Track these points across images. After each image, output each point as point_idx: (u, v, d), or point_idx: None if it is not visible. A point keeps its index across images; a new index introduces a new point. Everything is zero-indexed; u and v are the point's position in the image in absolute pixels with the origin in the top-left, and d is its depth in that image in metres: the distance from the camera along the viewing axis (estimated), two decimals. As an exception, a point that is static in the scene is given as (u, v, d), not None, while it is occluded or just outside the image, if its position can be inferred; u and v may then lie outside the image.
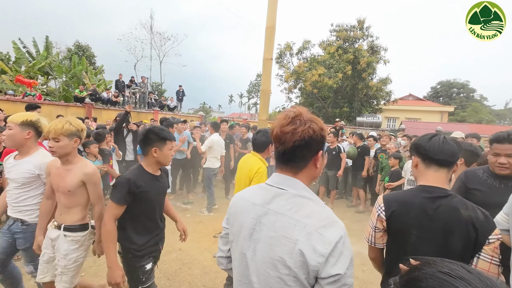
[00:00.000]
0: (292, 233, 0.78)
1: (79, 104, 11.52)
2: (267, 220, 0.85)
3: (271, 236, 0.82)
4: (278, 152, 0.89)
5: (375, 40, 17.13)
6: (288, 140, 0.84)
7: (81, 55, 20.18)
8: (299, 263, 0.75)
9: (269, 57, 3.41)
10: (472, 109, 26.24)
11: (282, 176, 0.89)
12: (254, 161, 2.40)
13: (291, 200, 0.84)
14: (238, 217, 0.94)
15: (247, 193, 0.98)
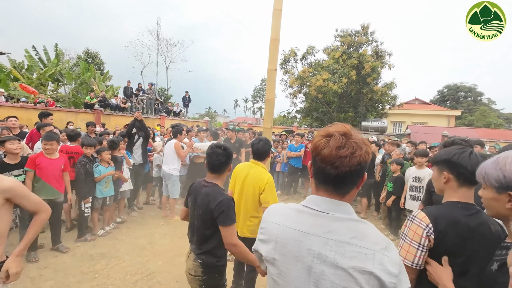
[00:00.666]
0: (366, 262, 0.77)
1: (89, 110, 11.82)
2: (330, 253, 0.80)
3: (342, 267, 0.78)
4: (328, 176, 0.83)
5: (379, 45, 17.20)
6: (345, 164, 0.79)
7: (91, 62, 20.70)
8: (377, 286, 0.76)
9: (274, 68, 3.54)
10: (480, 113, 25.91)
11: (332, 201, 0.85)
12: (260, 171, 2.39)
13: (351, 227, 0.82)
14: (285, 248, 0.85)
15: (285, 220, 0.89)
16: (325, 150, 0.81)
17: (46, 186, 3.31)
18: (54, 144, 3.37)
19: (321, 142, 0.84)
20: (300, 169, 6.82)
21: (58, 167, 3.43)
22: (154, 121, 13.60)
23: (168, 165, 4.84)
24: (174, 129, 5.07)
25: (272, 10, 3.55)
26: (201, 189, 1.81)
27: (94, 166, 3.83)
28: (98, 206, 3.97)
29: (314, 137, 0.89)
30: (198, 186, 1.85)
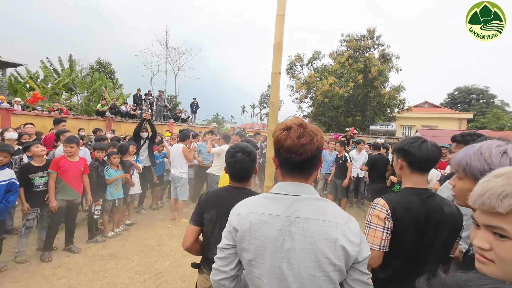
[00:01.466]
0: (330, 233, 0.86)
1: (100, 118, 12.19)
2: (297, 229, 0.88)
3: (308, 241, 0.86)
4: (293, 163, 0.92)
5: (386, 49, 17.15)
6: (307, 150, 0.90)
7: (102, 71, 21.37)
8: (343, 257, 0.85)
9: (277, 72, 3.57)
10: (492, 116, 25.26)
11: (296, 184, 0.94)
12: None
13: (314, 204, 0.91)
14: (258, 232, 0.91)
15: (256, 207, 0.96)
16: (288, 141, 0.90)
17: (67, 187, 3.51)
18: (74, 147, 3.59)
19: (282, 135, 0.92)
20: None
21: (78, 170, 3.62)
22: (163, 127, 13.88)
23: (176, 168, 4.96)
24: (181, 134, 5.24)
25: (275, 15, 3.64)
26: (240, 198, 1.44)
27: (105, 169, 3.97)
28: (109, 208, 4.10)
29: (274, 131, 0.97)
30: (228, 196, 1.50)
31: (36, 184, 3.35)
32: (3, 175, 3.06)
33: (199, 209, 1.54)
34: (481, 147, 0.93)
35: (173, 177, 5.03)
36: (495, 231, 0.61)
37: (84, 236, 4.07)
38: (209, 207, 1.50)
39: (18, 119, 9.05)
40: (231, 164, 1.53)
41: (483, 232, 0.63)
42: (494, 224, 0.60)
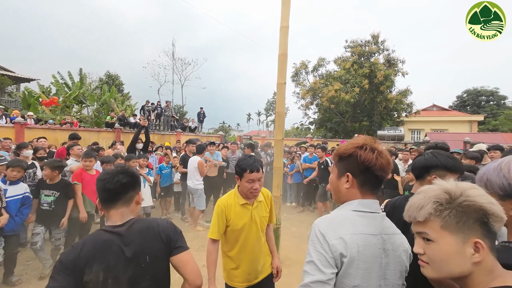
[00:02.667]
0: (405, 245, 0.99)
1: (110, 129, 12.44)
2: (389, 245, 0.95)
3: (396, 255, 0.96)
4: (381, 181, 1.00)
5: (391, 53, 17.09)
6: (390, 169, 0.99)
7: (111, 84, 21.93)
8: (408, 263, 0.99)
9: (283, 82, 3.65)
10: (504, 117, 24.66)
11: (376, 202, 1.02)
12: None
13: (387, 220, 1.02)
14: (365, 254, 0.89)
15: (358, 227, 0.92)
16: (382, 160, 0.96)
17: (86, 199, 3.64)
18: (92, 161, 3.78)
19: (369, 154, 0.96)
20: (314, 181, 6.75)
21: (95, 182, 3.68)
22: (171, 137, 14.05)
23: (192, 181, 5.10)
24: (198, 146, 5.36)
25: (280, 27, 3.71)
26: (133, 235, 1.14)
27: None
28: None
29: (353, 151, 0.98)
30: (113, 237, 1.10)
31: (42, 202, 3.37)
32: (18, 189, 3.16)
33: (65, 273, 0.99)
34: (501, 162, 0.94)
35: (189, 188, 5.20)
36: (423, 236, 0.75)
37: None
38: (89, 263, 1.02)
39: (31, 132, 9.31)
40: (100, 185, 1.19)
41: (417, 240, 0.78)
42: (419, 230, 0.76)
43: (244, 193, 1.78)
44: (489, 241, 0.68)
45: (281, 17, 3.71)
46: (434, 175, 1.41)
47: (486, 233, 0.68)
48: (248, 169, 1.70)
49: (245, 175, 1.71)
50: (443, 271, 0.72)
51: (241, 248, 1.82)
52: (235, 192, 1.85)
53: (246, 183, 1.72)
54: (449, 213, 0.70)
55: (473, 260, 0.67)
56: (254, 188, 1.72)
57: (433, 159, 1.43)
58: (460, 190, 0.71)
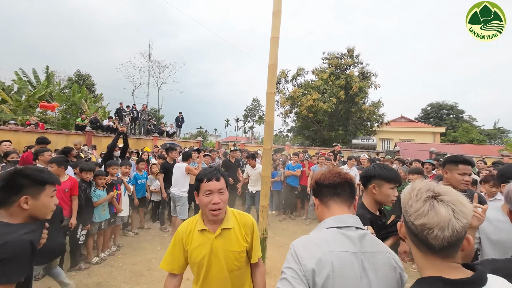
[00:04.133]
0: (391, 262, 0.95)
1: (80, 132, 11.66)
2: (369, 265, 0.90)
3: (380, 276, 0.90)
4: (339, 193, 1.07)
5: (365, 67, 18.09)
6: (338, 178, 1.10)
7: (82, 84, 20.69)
8: (401, 282, 0.94)
9: (272, 91, 3.68)
10: (462, 130, 27.01)
11: (349, 216, 1.02)
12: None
13: (369, 236, 0.98)
14: (342, 272, 0.88)
15: (331, 246, 0.92)
16: (328, 174, 1.12)
17: None
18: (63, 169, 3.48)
19: (319, 174, 1.16)
20: (296, 188, 6.82)
21: (64, 190, 3.41)
22: (147, 142, 13.50)
23: (177, 187, 4.91)
24: (184, 153, 5.24)
25: (270, 37, 3.75)
26: None
27: (92, 190, 3.76)
28: (95, 231, 3.85)
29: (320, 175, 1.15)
30: None
31: None
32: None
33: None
34: None
35: (173, 196, 4.94)
36: None
37: (65, 264, 3.76)
38: None
39: (-11, 134, 8.45)
40: None
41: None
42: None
43: (204, 213, 1.41)
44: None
45: (272, 28, 3.76)
46: (373, 184, 1.57)
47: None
48: (205, 178, 1.36)
49: (202, 186, 1.37)
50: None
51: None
52: (198, 215, 1.48)
53: (203, 197, 1.35)
54: None
55: None
56: (212, 202, 1.33)
57: (372, 171, 1.58)
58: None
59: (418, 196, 0.77)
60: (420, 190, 0.78)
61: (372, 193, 1.60)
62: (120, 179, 4.38)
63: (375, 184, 1.58)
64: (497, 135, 29.93)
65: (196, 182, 1.42)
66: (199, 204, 1.41)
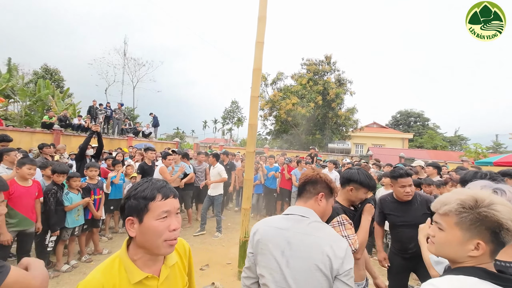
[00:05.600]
0: (320, 246, 1.12)
1: (47, 131, 10.88)
2: (295, 239, 1.16)
3: (305, 250, 1.13)
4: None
5: (341, 74, 18.85)
6: (301, 178, 1.36)
7: (49, 79, 19.34)
8: (328, 266, 1.09)
9: (256, 95, 3.73)
10: (428, 136, 29.00)
11: (299, 207, 1.28)
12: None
13: (312, 224, 1.20)
14: (269, 240, 1.21)
15: (270, 223, 1.28)
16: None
17: (19, 216, 3.03)
18: (35, 169, 3.23)
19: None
20: (275, 190, 6.90)
21: (33, 195, 3.19)
22: (121, 142, 12.93)
23: None
24: (164, 153, 5.16)
25: (255, 42, 3.80)
26: None
27: (64, 193, 3.52)
28: (67, 237, 3.60)
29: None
30: None
31: None
32: None
33: None
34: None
35: None
36: (437, 226, 0.93)
37: (31, 273, 3.48)
38: None
39: None
40: None
41: (433, 226, 0.97)
42: (437, 220, 0.93)
43: (152, 246, 0.90)
44: (493, 246, 0.82)
45: (257, 33, 3.80)
46: (351, 187, 1.74)
47: (493, 239, 0.81)
48: (160, 194, 0.91)
49: (153, 206, 0.89)
50: (442, 252, 0.93)
51: None
52: (122, 260, 0.93)
53: (157, 222, 0.88)
54: (467, 216, 0.84)
55: (470, 254, 0.83)
56: (172, 229, 0.91)
57: (355, 176, 1.74)
58: (488, 201, 0.83)
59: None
60: (504, 202, 0.84)
61: (348, 193, 1.78)
62: (101, 183, 4.17)
63: (353, 187, 1.75)
64: (458, 142, 32.52)
65: (133, 203, 0.90)
66: (139, 236, 0.90)
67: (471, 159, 12.34)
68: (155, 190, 0.91)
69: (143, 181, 0.96)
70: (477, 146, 14.14)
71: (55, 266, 3.66)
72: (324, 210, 1.29)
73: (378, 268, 3.78)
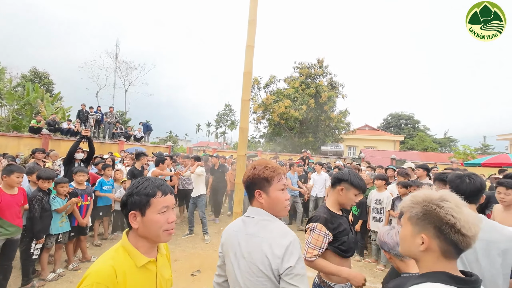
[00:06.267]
0: (261, 247, 1.10)
1: (35, 135, 10.64)
2: (243, 242, 1.18)
3: (248, 251, 1.14)
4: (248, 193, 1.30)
5: (333, 77, 19.06)
6: (243, 181, 1.30)
7: (38, 82, 18.97)
8: (268, 266, 1.07)
9: (247, 99, 3.71)
10: (418, 138, 29.53)
11: (250, 208, 1.27)
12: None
13: (259, 224, 1.19)
14: (227, 243, 1.27)
15: (231, 224, 1.33)
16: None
17: (7, 224, 2.96)
18: (23, 177, 3.18)
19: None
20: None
21: (19, 202, 3.12)
22: (112, 146, 12.74)
23: None
24: (157, 158, 4.99)
25: (245, 46, 3.80)
26: None
27: (51, 198, 3.43)
28: (51, 245, 3.50)
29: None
30: None
31: None
32: None
33: None
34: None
35: None
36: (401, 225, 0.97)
37: (16, 282, 3.37)
38: None
39: None
40: None
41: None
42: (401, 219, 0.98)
43: (152, 235, 1.05)
44: (440, 243, 0.83)
45: (247, 36, 3.80)
46: (342, 187, 1.74)
47: (438, 235, 0.83)
48: (160, 191, 1.06)
49: (155, 202, 1.04)
50: (403, 249, 0.95)
51: None
52: (126, 249, 1.05)
53: (158, 216, 1.03)
54: (414, 210, 0.89)
55: (420, 249, 0.87)
56: (170, 221, 1.07)
57: (346, 175, 1.75)
58: (438, 197, 0.86)
59: (459, 207, 0.83)
60: (456, 202, 0.84)
61: (338, 194, 1.76)
62: (90, 189, 4.08)
63: (343, 187, 1.74)
64: (447, 144, 33.17)
65: (135, 199, 1.03)
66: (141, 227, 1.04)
67: (460, 161, 12.58)
68: (155, 188, 1.06)
69: (143, 179, 1.10)
70: (466, 147, 14.45)
71: (40, 275, 3.55)
72: (269, 204, 1.20)
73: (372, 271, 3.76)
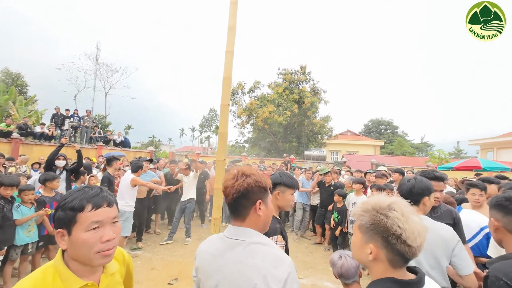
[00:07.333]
0: (251, 278, 0.90)
1: (4, 139, 10.03)
2: (227, 269, 0.96)
3: (233, 282, 0.93)
4: (227, 205, 1.07)
5: (316, 83, 19.48)
6: (228, 193, 1.03)
7: (10, 84, 18.01)
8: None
9: (226, 103, 3.71)
10: (397, 143, 30.69)
11: (235, 228, 1.04)
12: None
13: (247, 248, 0.97)
14: (203, 267, 1.05)
15: (206, 246, 1.10)
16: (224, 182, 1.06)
17: None
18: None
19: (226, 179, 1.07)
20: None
21: None
22: (90, 151, 12.25)
23: (122, 200, 4.47)
24: (133, 164, 4.83)
25: (225, 51, 3.80)
26: None
27: (15, 206, 3.21)
28: (16, 256, 3.26)
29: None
30: None
31: None
32: None
33: None
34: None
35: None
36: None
37: (-28, 299, 3.12)
38: None
39: None
40: None
41: None
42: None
43: (83, 259, 0.85)
44: (388, 253, 0.83)
45: (226, 42, 3.82)
46: (278, 191, 1.72)
47: (386, 245, 0.82)
48: (90, 204, 0.85)
49: (82, 218, 0.83)
50: (354, 255, 0.94)
51: None
52: (57, 269, 0.86)
53: (86, 234, 0.83)
54: (363, 219, 0.88)
55: (369, 258, 0.86)
56: (105, 240, 0.85)
57: (278, 178, 1.72)
58: (386, 209, 0.84)
59: (405, 216, 0.81)
60: (403, 211, 0.83)
61: (275, 199, 1.70)
62: (60, 196, 3.86)
63: (279, 191, 1.70)
64: (424, 148, 34.66)
65: (61, 215, 0.85)
66: (69, 248, 0.85)
67: (435, 165, 13.16)
68: (84, 200, 0.86)
69: (74, 190, 0.91)
70: (440, 152, 15.15)
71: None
72: (266, 215, 1.07)
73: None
